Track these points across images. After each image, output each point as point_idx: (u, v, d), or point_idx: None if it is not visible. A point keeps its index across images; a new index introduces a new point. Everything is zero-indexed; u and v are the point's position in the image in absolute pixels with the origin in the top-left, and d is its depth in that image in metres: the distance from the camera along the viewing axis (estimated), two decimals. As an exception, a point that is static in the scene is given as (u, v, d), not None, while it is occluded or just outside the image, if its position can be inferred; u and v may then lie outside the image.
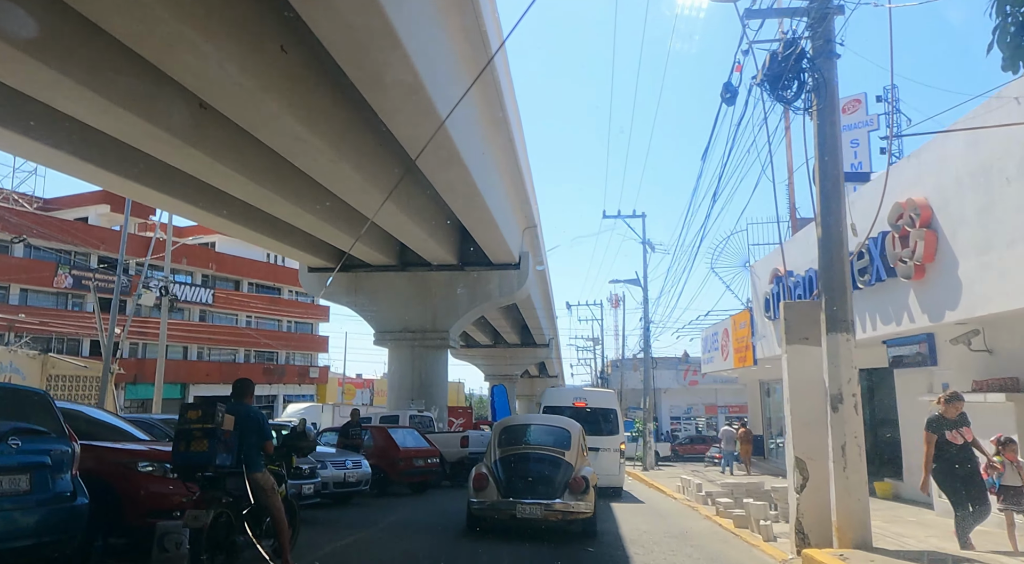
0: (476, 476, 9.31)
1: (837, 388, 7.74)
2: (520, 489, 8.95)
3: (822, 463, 8.11)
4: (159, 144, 13.28)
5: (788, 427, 8.64)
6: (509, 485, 9.02)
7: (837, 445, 7.66)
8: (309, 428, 7.34)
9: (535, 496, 8.86)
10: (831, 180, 8.02)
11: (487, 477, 9.22)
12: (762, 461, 25.26)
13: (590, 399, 16.74)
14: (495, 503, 8.97)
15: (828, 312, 7.93)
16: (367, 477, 13.54)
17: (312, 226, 19.53)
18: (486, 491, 9.10)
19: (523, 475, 9.12)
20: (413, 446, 15.99)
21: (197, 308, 48.55)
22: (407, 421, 18.77)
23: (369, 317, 24.43)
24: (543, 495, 8.86)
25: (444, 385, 24.55)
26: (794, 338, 8.72)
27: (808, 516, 8.19)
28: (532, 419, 11.39)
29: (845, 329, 7.82)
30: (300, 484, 10.48)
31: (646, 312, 29.73)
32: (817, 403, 8.34)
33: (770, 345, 19.37)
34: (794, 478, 8.43)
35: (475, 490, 9.20)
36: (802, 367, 8.59)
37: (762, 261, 20.00)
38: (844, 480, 7.58)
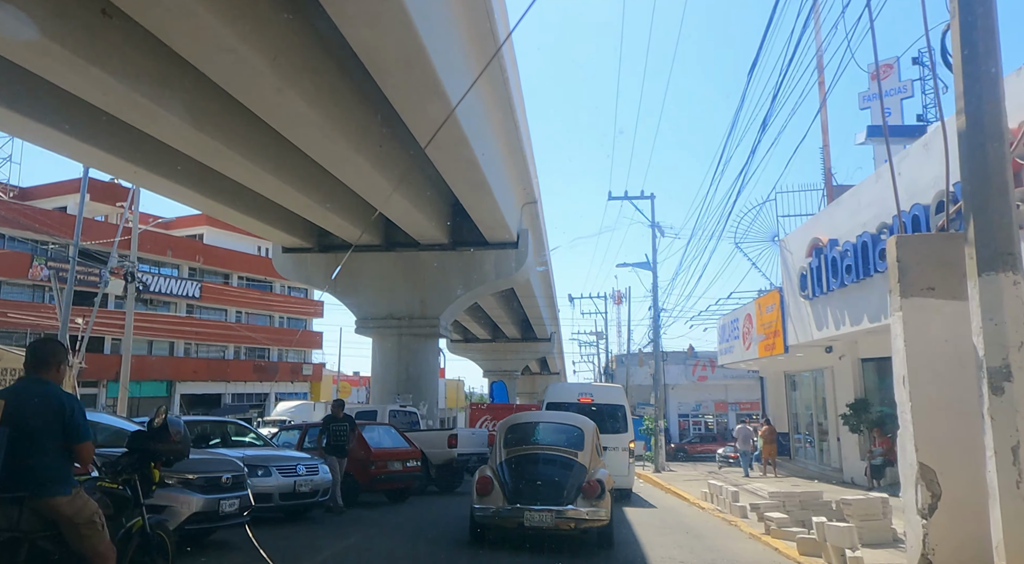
0: (480, 479, 8.33)
1: (1001, 358, 4.88)
2: (528, 494, 7.99)
3: (963, 472, 5.32)
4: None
5: (906, 421, 5.80)
6: (516, 490, 8.07)
7: (1003, 445, 4.82)
8: (174, 420, 4.42)
9: (545, 502, 7.87)
10: (983, 39, 5.14)
11: (491, 480, 8.26)
12: (787, 462, 22.40)
13: (596, 395, 15.14)
14: (500, 510, 7.97)
15: (980, 243, 5.07)
16: (326, 485, 10.72)
17: (279, 193, 16.74)
18: (491, 496, 8.15)
19: (531, 478, 8.17)
20: (390, 446, 13.18)
21: (184, 302, 45.77)
22: (386, 417, 15.95)
23: (350, 303, 21.63)
24: (554, 501, 7.88)
25: (434, 378, 21.71)
26: (914, 289, 5.89)
27: (943, 550, 5.39)
28: (541, 416, 10.27)
29: (1011, 267, 4.97)
30: (219, 500, 7.68)
31: (655, 299, 26.88)
32: (951, 383, 5.54)
33: (805, 328, 16.52)
34: (918, 495, 5.61)
35: (479, 495, 8.23)
36: (927, 331, 5.77)
37: (796, 233, 17.17)
38: (1017, 498, 4.75)
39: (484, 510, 8.10)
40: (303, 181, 16.15)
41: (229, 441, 11.49)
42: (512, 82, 14.94)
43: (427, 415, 20.88)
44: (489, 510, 8.05)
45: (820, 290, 15.20)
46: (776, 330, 18.52)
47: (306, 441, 13.11)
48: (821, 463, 20.19)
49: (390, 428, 13.76)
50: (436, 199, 19.55)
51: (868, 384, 16.80)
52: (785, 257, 17.76)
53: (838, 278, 14.22)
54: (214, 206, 17.43)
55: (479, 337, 43.68)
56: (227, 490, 7.85)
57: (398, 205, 17.08)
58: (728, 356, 23.78)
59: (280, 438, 13.50)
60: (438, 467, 15.06)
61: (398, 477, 12.91)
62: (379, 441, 13.13)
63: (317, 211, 17.76)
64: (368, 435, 13.03)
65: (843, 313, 14.40)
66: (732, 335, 23.01)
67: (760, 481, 18.51)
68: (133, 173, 15.57)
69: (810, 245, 15.70)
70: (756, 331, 20.19)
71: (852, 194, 14.00)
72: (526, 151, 18.31)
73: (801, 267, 16.38)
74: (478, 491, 8.26)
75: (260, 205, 18.35)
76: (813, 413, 20.69)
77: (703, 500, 14.19)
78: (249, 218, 18.67)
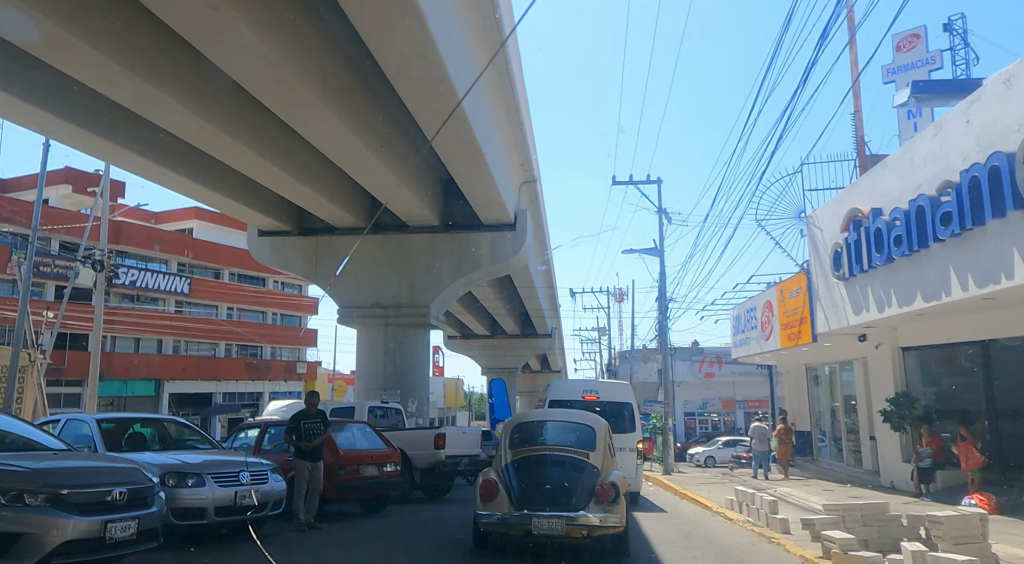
0: (484, 483, 7.68)
1: None
2: (536, 499, 7.36)
3: None
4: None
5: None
6: (523, 494, 7.43)
7: None
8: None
9: (554, 507, 7.26)
10: None
11: (496, 484, 7.60)
12: (810, 463, 20.33)
13: (602, 391, 14.06)
14: (506, 516, 7.33)
15: None
16: (279, 496, 8.68)
17: (251, 165, 14.73)
18: (495, 501, 7.48)
19: (540, 482, 7.54)
20: (364, 448, 11.11)
21: (172, 298, 43.77)
22: (364, 414, 13.87)
23: (332, 290, 19.56)
24: (564, 506, 7.27)
25: (424, 372, 19.63)
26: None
27: None
28: (549, 415, 9.43)
29: None
30: (106, 522, 5.64)
31: (663, 288, 24.81)
32: None
33: (838, 314, 14.45)
34: None
35: (483, 500, 7.55)
36: None
37: (828, 206, 15.09)
38: None
39: (489, 516, 7.39)
40: (279, 153, 14.15)
41: (169, 443, 9.46)
42: (513, 60, 13.05)
43: (417, 413, 18.84)
44: (494, 516, 7.36)
45: (859, 268, 13.14)
46: (802, 317, 16.45)
47: (266, 442, 11.06)
48: (850, 465, 18.11)
49: (365, 427, 11.69)
50: (426, 175, 17.51)
51: (910, 376, 14.72)
52: (814, 235, 15.68)
53: (883, 252, 12.15)
54: (181, 181, 15.42)
55: (477, 333, 41.59)
56: (119, 509, 5.80)
57: (380, 175, 15.03)
58: (744, 349, 21.69)
59: (236, 439, 11.43)
60: (423, 471, 13.01)
61: (373, 484, 10.84)
62: (352, 441, 11.08)
63: (289, 185, 15.68)
64: (339, 435, 10.98)
65: (888, 293, 12.33)
66: (749, 325, 20.94)
67: (785, 485, 16.45)
68: (88, 141, 13.54)
69: (847, 218, 13.62)
70: (778, 319, 18.12)
71: (903, 153, 11.91)
72: (524, 119, 16.26)
73: (834, 244, 14.31)
74: (482, 496, 7.54)
75: (232, 181, 16.31)
76: (840, 409, 18.61)
77: (729, 508, 12.11)
78: (225, 198, 16.60)
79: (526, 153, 18.03)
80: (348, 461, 10.41)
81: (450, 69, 10.73)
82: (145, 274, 42.09)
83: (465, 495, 15.19)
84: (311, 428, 9.82)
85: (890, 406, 14.12)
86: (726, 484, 18.39)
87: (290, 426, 9.78)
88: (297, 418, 9.82)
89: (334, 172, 16.14)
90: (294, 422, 9.77)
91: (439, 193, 18.81)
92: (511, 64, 13.54)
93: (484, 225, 19.18)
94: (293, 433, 9.69)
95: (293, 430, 9.71)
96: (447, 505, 13.32)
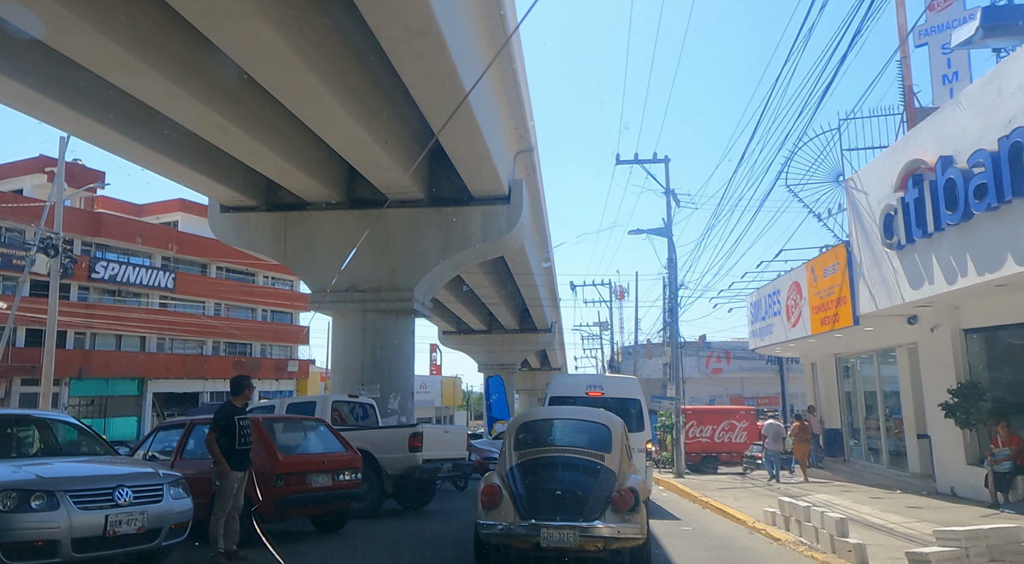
0: (486, 489, 6.64)
1: None
2: (546, 507, 6.40)
3: None
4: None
5: None
6: (531, 501, 6.47)
7: None
8: None
9: (566, 516, 6.30)
10: None
11: (500, 490, 6.59)
12: (840, 464, 17.90)
13: (608, 387, 12.48)
14: (512, 527, 6.35)
15: None
16: (179, 517, 6.28)
17: (217, 133, 12.40)
18: (499, 509, 6.49)
19: (549, 487, 6.57)
20: (314, 451, 8.69)
21: (157, 294, 41.32)
22: (326, 410, 11.40)
23: (304, 272, 17.13)
24: (577, 515, 6.32)
25: (408, 364, 17.18)
26: None
27: None
28: (559, 413, 8.48)
29: None
30: None
31: (672, 276, 22.39)
32: None
33: (889, 290, 12.05)
34: None
35: (485, 508, 6.54)
36: None
37: (876, 163, 12.67)
38: None
39: (492, 527, 6.52)
40: (229, 101, 11.78)
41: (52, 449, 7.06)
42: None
43: (400, 410, 16.42)
44: (498, 527, 6.50)
45: (920, 232, 10.74)
46: (840, 297, 14.04)
47: (191, 445, 8.64)
48: (891, 467, 15.68)
49: (319, 425, 9.24)
50: (409, 141, 15.11)
51: (974, 363, 12.28)
52: (855, 200, 13.28)
53: (957, 209, 9.76)
54: (149, 153, 13.08)
55: (474, 328, 39.11)
56: None
57: (352, 133, 12.62)
58: (764, 338, 19.27)
59: (155, 442, 8.99)
60: (396, 478, 10.58)
61: (325, 496, 8.40)
62: (299, 443, 8.68)
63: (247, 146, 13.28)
64: (282, 435, 8.57)
65: (962, 259, 9.93)
66: (771, 311, 18.53)
67: (822, 492, 14.02)
68: (18, 96, 11.19)
69: (903, 173, 11.21)
70: (808, 302, 15.72)
71: (985, 84, 9.49)
72: (518, 69, 13.87)
73: (885, 207, 11.90)
74: (484, 503, 6.65)
75: (186, 144, 13.91)
76: (879, 404, 16.19)
77: (770, 523, 9.67)
78: (173, 162, 14.13)
79: (521, 114, 15.61)
80: (290, 468, 7.98)
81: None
82: (127, 268, 39.68)
83: (449, 506, 12.77)
84: (247, 428, 7.42)
85: (953, 399, 11.69)
86: (748, 489, 16.00)
87: (220, 425, 7.31)
88: (227, 414, 7.38)
89: (302, 134, 13.75)
90: (224, 419, 7.32)
91: (424, 163, 16.39)
92: (509, 29, 11.16)
93: (475, 198, 16.77)
94: (224, 435, 7.23)
95: (224, 431, 7.25)
96: (426, 519, 10.92)
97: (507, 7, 11.44)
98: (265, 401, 12.12)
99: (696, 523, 11.02)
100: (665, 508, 13.39)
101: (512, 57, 12.74)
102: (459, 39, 10.49)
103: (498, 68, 13.24)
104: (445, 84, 10.92)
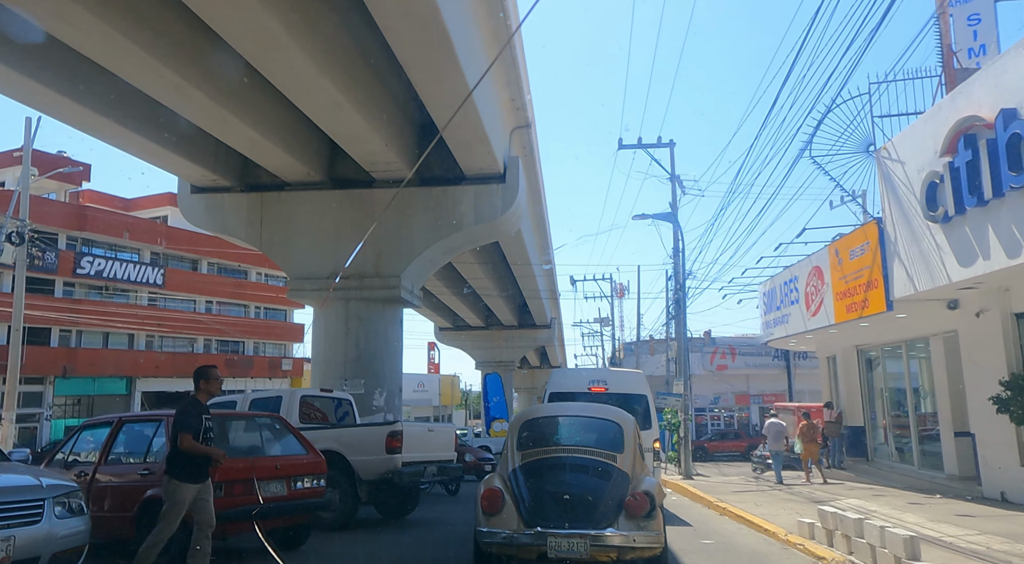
0: (486, 493, 6.01)
1: None
2: (553, 513, 5.78)
3: None
4: None
5: None
6: (536, 507, 5.85)
7: None
8: None
9: (575, 523, 5.68)
10: None
11: (502, 494, 5.98)
12: (863, 464, 16.41)
13: (611, 382, 11.76)
14: (516, 535, 5.71)
15: None
16: (68, 542, 4.81)
17: (176, 96, 10.93)
18: (501, 516, 5.87)
19: (556, 492, 5.93)
20: (266, 454, 7.20)
21: (146, 290, 39.85)
22: (293, 406, 9.88)
23: (281, 258, 15.64)
24: (587, 522, 5.69)
25: (395, 358, 15.66)
26: None
27: None
28: (565, 409, 7.68)
29: None
30: None
31: (677, 264, 20.93)
32: None
33: (931, 269, 10.57)
34: None
35: (486, 514, 5.91)
36: None
37: (917, 126, 11.18)
38: None
39: (493, 535, 5.80)
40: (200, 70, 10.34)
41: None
42: None
43: (386, 407, 14.94)
44: (500, 535, 5.76)
45: (975, 199, 9.26)
46: (871, 280, 12.56)
47: (121, 447, 7.15)
48: (923, 468, 14.19)
49: (275, 422, 7.72)
50: (394, 112, 13.64)
51: (1027, 351, 10.81)
52: (889, 171, 11.80)
53: (1022, 169, 8.30)
54: (73, 109, 11.59)
55: (471, 324, 37.62)
56: None
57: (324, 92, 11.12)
58: (779, 328, 17.77)
59: (78, 442, 7.48)
60: (372, 484, 9.08)
61: (279, 508, 6.90)
62: (248, 444, 7.19)
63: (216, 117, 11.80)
64: (232, 435, 7.09)
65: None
66: (787, 300, 17.05)
67: (852, 496, 12.53)
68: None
69: (952, 134, 9.73)
70: (832, 288, 14.23)
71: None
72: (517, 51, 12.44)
73: (929, 175, 10.42)
74: (484, 509, 5.94)
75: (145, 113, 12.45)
76: (909, 399, 14.69)
77: (806, 537, 8.18)
78: (136, 135, 12.66)
79: (517, 82, 14.12)
80: (233, 475, 6.49)
81: None
82: (114, 264, 38.21)
83: (438, 513, 11.26)
84: (212, 431, 5.90)
85: (1006, 392, 10.21)
86: (767, 492, 14.53)
87: (191, 425, 5.65)
88: (196, 411, 5.79)
89: (275, 102, 12.28)
90: (192, 416, 5.73)
91: (412, 138, 14.92)
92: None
93: (467, 177, 15.30)
94: (192, 432, 5.67)
95: (192, 429, 5.68)
96: (408, 530, 9.43)
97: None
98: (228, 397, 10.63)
99: (717, 534, 9.54)
100: (677, 514, 11.92)
101: (506, 7, 11.24)
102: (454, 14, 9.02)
103: (490, 24, 11.76)
104: (427, 32, 9.42)
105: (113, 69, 10.49)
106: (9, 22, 9.46)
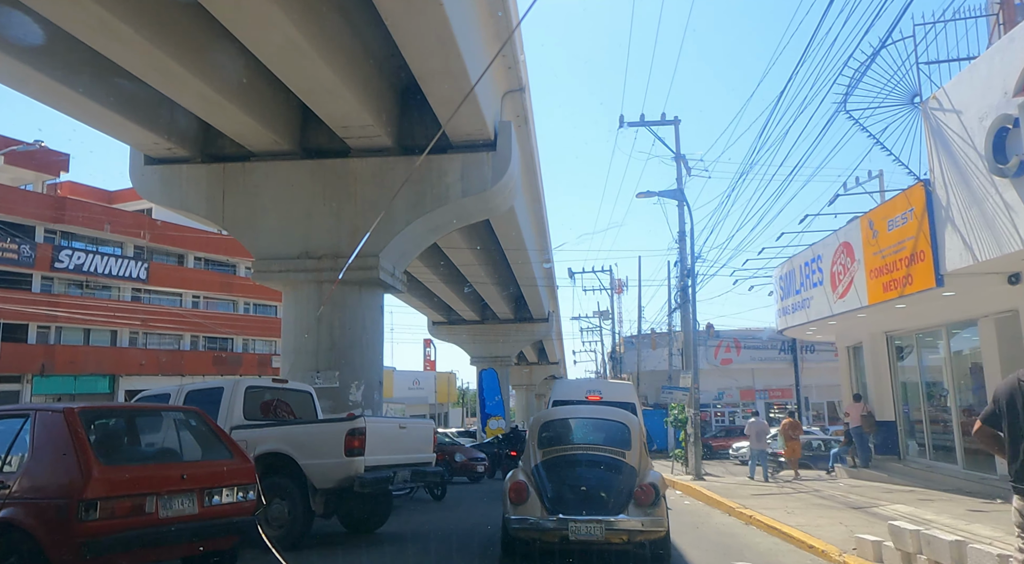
0: (513, 485, 6.80)
1: None
2: (572, 502, 6.60)
3: None
4: None
5: None
6: (557, 497, 6.66)
7: None
8: None
9: (591, 511, 6.50)
10: None
11: (527, 486, 6.77)
12: (895, 462, 14.65)
13: (605, 391, 13.01)
14: (541, 521, 6.53)
15: None
16: None
17: (104, 36, 9.13)
18: (527, 505, 6.67)
19: (574, 484, 6.74)
20: (167, 460, 5.40)
21: (129, 285, 38.01)
22: (236, 398, 8.02)
23: (246, 235, 13.84)
24: (601, 509, 6.51)
25: (375, 347, 13.86)
26: None
27: None
28: (578, 412, 8.43)
29: None
30: None
31: (684, 247, 19.19)
32: None
33: (998, 234, 8.83)
34: None
35: (513, 504, 6.72)
36: None
37: (976, 67, 9.41)
38: None
39: (521, 521, 6.57)
40: (130, 4, 8.54)
41: None
42: None
43: (364, 403, 13.15)
44: (527, 521, 6.55)
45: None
46: (915, 253, 10.78)
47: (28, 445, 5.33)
48: (967, 467, 12.42)
49: (192, 418, 5.92)
50: (370, 71, 11.86)
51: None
52: (939, 124, 10.04)
53: None
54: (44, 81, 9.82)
55: (466, 318, 35.82)
56: None
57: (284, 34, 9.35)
58: (798, 314, 15.99)
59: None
60: (327, 493, 7.28)
61: (185, 530, 5.11)
62: (144, 446, 5.39)
63: (149, 59, 10.01)
64: (111, 433, 5.29)
65: None
66: (808, 282, 15.28)
67: (895, 500, 10.78)
68: None
69: (1029, 67, 7.97)
70: (864, 265, 12.45)
71: None
72: None
73: (997, 121, 8.65)
74: (512, 499, 6.70)
75: (75, 61, 10.65)
76: (952, 391, 12.92)
77: (872, 559, 6.40)
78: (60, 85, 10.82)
79: (508, 30, 12.33)
80: (115, 488, 4.69)
81: None
82: (95, 258, 36.36)
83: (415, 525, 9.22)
84: None
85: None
86: (791, 495, 12.80)
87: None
88: None
89: (230, 49, 10.48)
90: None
91: (391, 101, 13.17)
92: None
93: (453, 145, 13.53)
94: None
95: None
96: (374, 549, 7.63)
97: None
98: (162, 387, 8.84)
99: (752, 552, 7.75)
100: (694, 523, 10.11)
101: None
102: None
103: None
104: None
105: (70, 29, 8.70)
106: None
